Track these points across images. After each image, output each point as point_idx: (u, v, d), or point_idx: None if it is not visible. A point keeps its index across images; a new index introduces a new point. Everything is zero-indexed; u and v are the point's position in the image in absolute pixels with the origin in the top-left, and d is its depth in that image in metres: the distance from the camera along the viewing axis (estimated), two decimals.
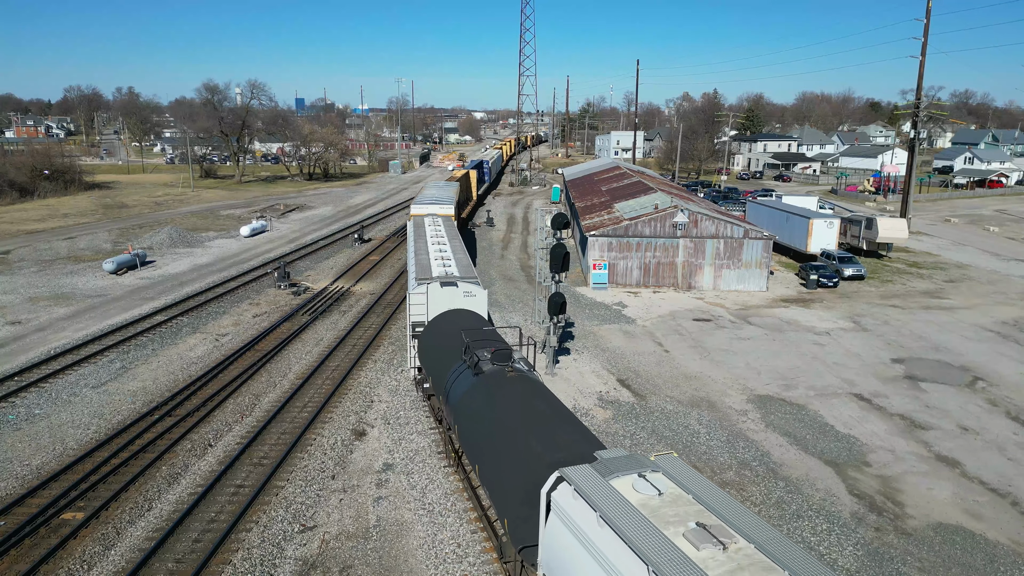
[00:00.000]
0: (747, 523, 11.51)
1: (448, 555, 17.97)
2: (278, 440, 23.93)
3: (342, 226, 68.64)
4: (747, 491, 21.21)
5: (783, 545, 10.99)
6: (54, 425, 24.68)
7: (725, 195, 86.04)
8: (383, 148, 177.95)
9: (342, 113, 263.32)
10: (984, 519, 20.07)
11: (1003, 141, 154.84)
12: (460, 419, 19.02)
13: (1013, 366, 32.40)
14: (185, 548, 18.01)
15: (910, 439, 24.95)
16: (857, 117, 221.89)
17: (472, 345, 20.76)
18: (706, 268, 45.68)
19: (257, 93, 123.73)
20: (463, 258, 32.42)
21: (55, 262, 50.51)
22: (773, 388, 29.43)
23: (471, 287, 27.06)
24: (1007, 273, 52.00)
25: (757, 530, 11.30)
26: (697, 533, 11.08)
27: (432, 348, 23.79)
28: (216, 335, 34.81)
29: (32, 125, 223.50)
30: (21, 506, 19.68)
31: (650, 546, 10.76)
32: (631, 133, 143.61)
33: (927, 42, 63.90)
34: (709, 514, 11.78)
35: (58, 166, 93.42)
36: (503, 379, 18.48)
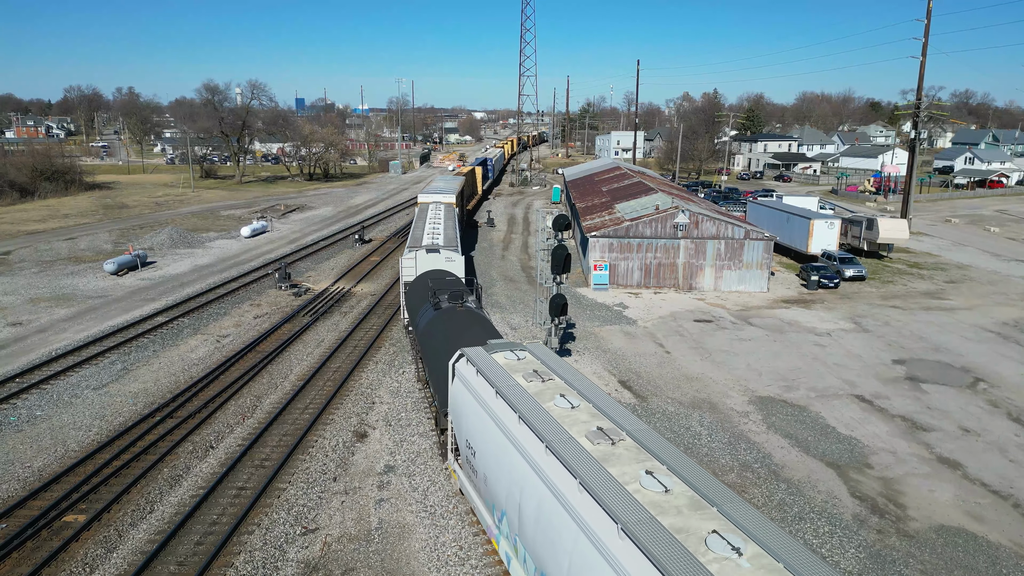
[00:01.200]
0: (567, 371, 18.08)
1: (450, 557, 17.96)
2: (279, 442, 23.93)
3: (343, 227, 68.64)
4: (749, 493, 21.21)
5: (581, 380, 17.56)
6: (55, 427, 24.68)
7: (725, 195, 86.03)
8: (383, 148, 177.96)
9: (342, 113, 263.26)
10: (986, 521, 20.07)
11: (1003, 141, 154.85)
12: (422, 341, 25.36)
13: (1014, 367, 32.40)
14: (187, 551, 18.01)
15: (911, 441, 24.95)
16: (857, 117, 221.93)
17: (437, 291, 27.16)
18: (707, 269, 45.68)
19: (257, 93, 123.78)
20: (451, 234, 38.69)
21: (56, 263, 50.51)
22: (774, 389, 29.43)
23: (451, 254, 33.96)
24: (1008, 274, 52.00)
25: (571, 374, 17.93)
26: (530, 375, 17.77)
27: (412, 296, 30.65)
28: (217, 336, 34.81)
29: (32, 125, 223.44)
30: (23, 508, 19.68)
31: (501, 382, 17.34)
32: (631, 133, 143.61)
33: (927, 42, 63.89)
34: (544, 368, 18.45)
35: (58, 166, 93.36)
36: (454, 311, 24.98)
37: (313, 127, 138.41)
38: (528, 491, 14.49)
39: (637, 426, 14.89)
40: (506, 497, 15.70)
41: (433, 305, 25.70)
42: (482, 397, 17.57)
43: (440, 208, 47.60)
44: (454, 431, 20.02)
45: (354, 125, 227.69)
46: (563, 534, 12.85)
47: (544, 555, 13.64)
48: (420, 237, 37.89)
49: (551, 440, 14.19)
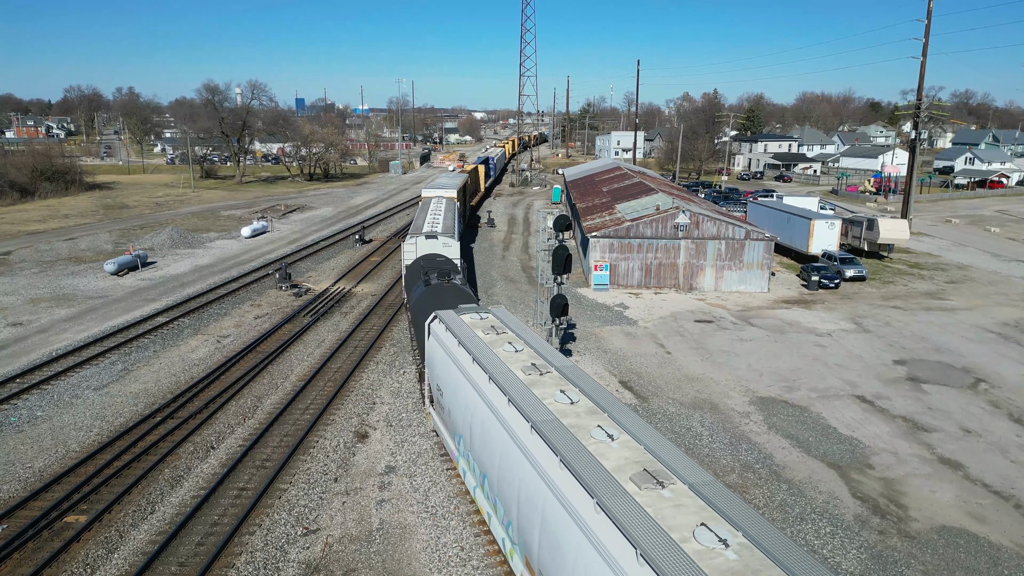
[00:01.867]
0: (519, 327, 21.77)
1: (451, 558, 17.95)
2: (280, 442, 23.92)
3: (343, 227, 68.63)
4: (750, 493, 21.20)
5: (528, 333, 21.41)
6: (56, 427, 24.67)
7: (726, 196, 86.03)
8: (383, 148, 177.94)
9: (342, 113, 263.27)
10: (987, 522, 20.06)
11: (1003, 141, 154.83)
12: (412, 311, 29.02)
13: (1015, 367, 32.39)
14: (188, 551, 18.00)
15: (913, 441, 24.94)
16: (858, 117, 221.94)
17: (428, 271, 30.40)
18: (707, 269, 45.67)
19: (257, 93, 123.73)
20: (449, 223, 42.75)
21: (56, 263, 50.50)
22: (775, 390, 29.42)
23: (447, 240, 37.52)
24: (1008, 274, 51.99)
25: (522, 329, 21.63)
26: (488, 330, 21.35)
27: (410, 276, 33.78)
28: (218, 336, 34.80)
29: (32, 125, 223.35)
30: (24, 509, 19.67)
31: (463, 335, 20.58)
32: (631, 133, 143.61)
33: (928, 43, 63.89)
34: (501, 324, 22.03)
35: (58, 167, 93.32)
36: (441, 287, 28.26)
37: (313, 127, 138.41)
38: (476, 414, 18.31)
39: (564, 363, 18.73)
40: (462, 422, 19.58)
41: (424, 282, 29.39)
42: (448, 348, 21.15)
43: (442, 201, 51.19)
44: (429, 380, 23.65)
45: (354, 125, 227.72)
46: (496, 439, 16.89)
47: (484, 459, 17.74)
48: (420, 226, 41.72)
49: (493, 373, 17.90)
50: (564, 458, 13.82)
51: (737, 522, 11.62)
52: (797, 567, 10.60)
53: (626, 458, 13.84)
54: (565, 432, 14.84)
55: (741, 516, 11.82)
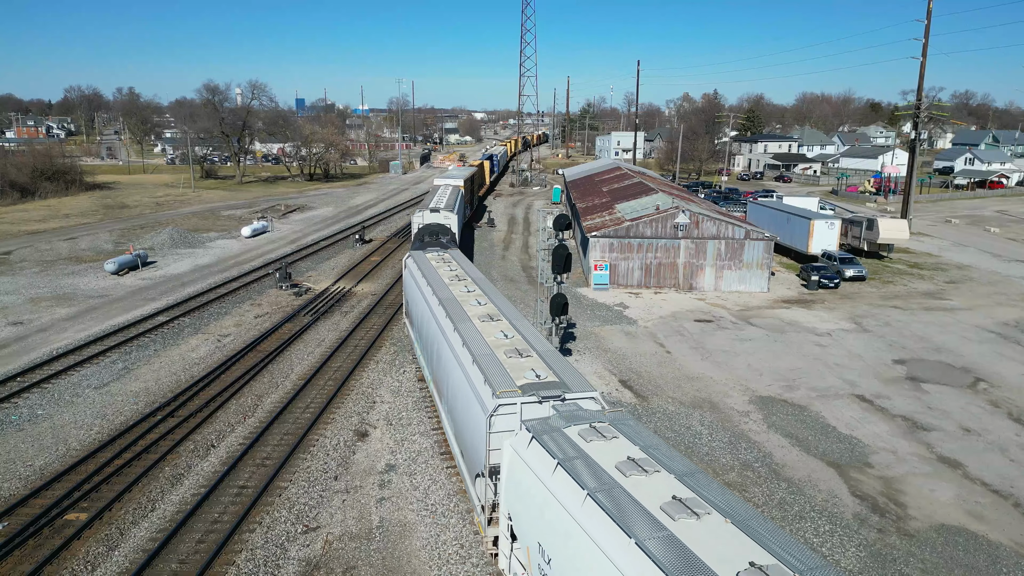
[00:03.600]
0: (466, 264, 30.02)
1: (451, 556, 17.99)
2: (281, 441, 23.96)
3: (343, 227, 68.68)
4: (750, 492, 21.23)
5: (472, 269, 29.25)
6: (57, 426, 24.71)
7: (726, 196, 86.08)
8: (383, 149, 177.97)
9: (342, 113, 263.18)
10: (986, 520, 20.10)
11: (1003, 142, 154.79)
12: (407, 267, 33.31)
13: (1014, 367, 32.43)
14: (189, 549, 18.04)
15: (912, 440, 24.98)
16: (857, 118, 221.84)
17: (426, 235, 39.88)
18: (707, 269, 45.71)
19: (258, 93, 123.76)
20: (450, 201, 51.99)
21: (56, 263, 50.54)
22: (775, 389, 29.46)
23: (448, 214, 47.22)
24: (1008, 274, 52.03)
25: (467, 265, 29.29)
26: (439, 262, 29.83)
27: (415, 240, 41.44)
28: (218, 336, 34.84)
29: (33, 125, 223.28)
30: (25, 507, 19.71)
31: (424, 267, 28.27)
32: (631, 134, 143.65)
33: (928, 43, 63.94)
34: (453, 261, 29.78)
35: (59, 167, 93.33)
36: (431, 244, 36.39)
37: (313, 127, 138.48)
38: (422, 309, 25.75)
39: (476, 275, 27.74)
40: (416, 319, 27.00)
41: (420, 243, 36.92)
42: (413, 273, 29.67)
43: (448, 187, 60.18)
44: (404, 296, 31.49)
45: (354, 125, 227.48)
46: (429, 322, 24.48)
47: (423, 335, 25.65)
48: (428, 203, 51.22)
49: (431, 281, 26.62)
50: (449, 311, 22.78)
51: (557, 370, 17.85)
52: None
53: (484, 313, 22.81)
54: (457, 304, 23.57)
55: None
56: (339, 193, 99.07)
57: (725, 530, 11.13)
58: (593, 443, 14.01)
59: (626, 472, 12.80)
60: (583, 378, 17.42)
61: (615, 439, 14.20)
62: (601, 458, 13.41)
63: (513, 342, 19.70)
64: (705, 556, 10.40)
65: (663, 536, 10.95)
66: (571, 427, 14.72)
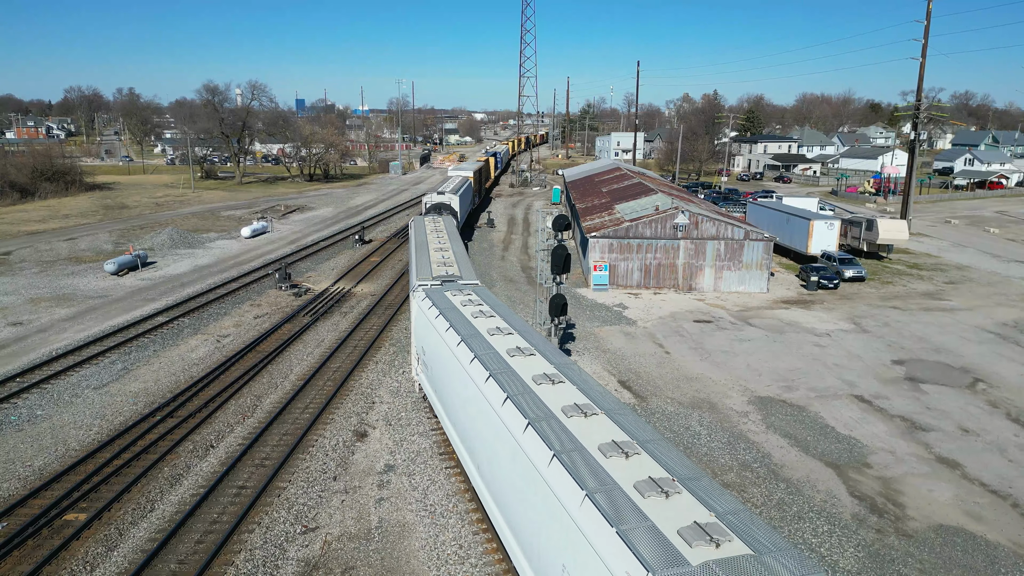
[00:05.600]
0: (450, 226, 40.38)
1: (450, 556, 18.00)
2: (280, 441, 23.98)
3: (343, 227, 68.70)
4: (748, 492, 21.24)
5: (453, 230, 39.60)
6: (56, 426, 24.72)
7: (725, 196, 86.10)
8: (383, 149, 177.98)
9: (342, 114, 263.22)
10: (985, 521, 20.11)
11: (1003, 142, 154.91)
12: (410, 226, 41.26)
13: (1013, 368, 32.44)
14: (188, 549, 18.05)
15: (911, 441, 24.99)
16: (857, 118, 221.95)
17: (430, 209, 54.78)
18: (707, 269, 45.73)
19: (257, 94, 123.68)
20: (455, 185, 63.22)
21: (56, 263, 50.56)
22: (774, 389, 29.47)
23: (451, 196, 57.43)
24: (1007, 275, 52.05)
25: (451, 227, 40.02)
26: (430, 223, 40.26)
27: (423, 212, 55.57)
28: (217, 336, 34.86)
29: (33, 126, 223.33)
30: (24, 507, 19.73)
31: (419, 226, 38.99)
32: (631, 134, 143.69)
33: (927, 44, 64.00)
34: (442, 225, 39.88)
35: (59, 167, 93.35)
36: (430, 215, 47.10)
37: (313, 128, 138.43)
38: (416, 242, 34.74)
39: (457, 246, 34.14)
40: (412, 248, 34.19)
41: (426, 212, 51.01)
42: (415, 230, 38.28)
43: (458, 177, 71.71)
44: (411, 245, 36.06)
45: (354, 126, 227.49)
46: (415, 249, 33.33)
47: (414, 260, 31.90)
48: (436, 187, 63.21)
49: (424, 234, 35.93)
50: (426, 239, 34.71)
51: None
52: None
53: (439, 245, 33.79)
54: (425, 243, 33.75)
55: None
56: (339, 193, 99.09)
57: (512, 339, 19.83)
58: (457, 296, 24.46)
59: (473, 316, 22.00)
60: (473, 274, 28.53)
61: (471, 296, 24.60)
62: (457, 303, 23.71)
63: (444, 258, 31.19)
64: None
65: (471, 333, 20.23)
66: (449, 292, 25.17)
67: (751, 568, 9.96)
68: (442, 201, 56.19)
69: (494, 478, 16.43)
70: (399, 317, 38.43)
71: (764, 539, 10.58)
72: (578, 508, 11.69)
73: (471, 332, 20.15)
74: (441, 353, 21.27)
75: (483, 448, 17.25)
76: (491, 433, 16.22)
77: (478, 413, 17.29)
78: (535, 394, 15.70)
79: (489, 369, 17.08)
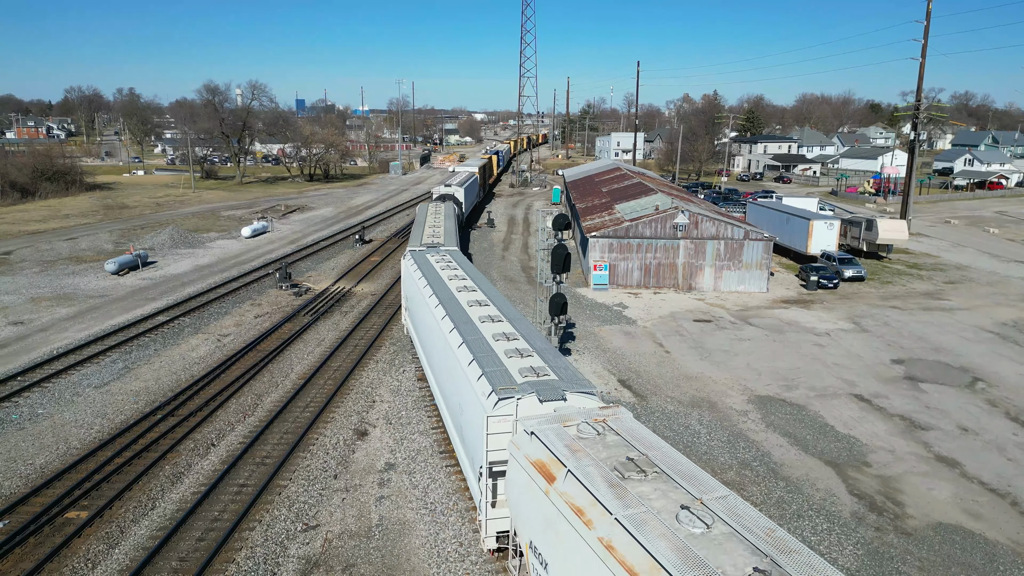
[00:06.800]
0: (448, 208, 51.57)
1: (450, 554, 18.06)
2: (280, 440, 24.03)
3: (343, 227, 68.77)
4: (748, 491, 21.30)
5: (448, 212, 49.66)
6: (57, 424, 24.78)
7: (725, 196, 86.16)
8: (383, 149, 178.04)
9: (343, 114, 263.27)
10: (984, 519, 20.17)
11: (1003, 143, 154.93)
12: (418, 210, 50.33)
13: (1013, 367, 32.50)
14: (189, 547, 18.11)
15: (910, 439, 25.05)
16: (857, 119, 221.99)
17: (436, 198, 60.13)
18: (706, 269, 45.79)
19: (258, 94, 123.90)
20: (461, 181, 68.15)
21: (57, 263, 50.62)
22: (773, 389, 29.53)
23: (456, 188, 63.45)
24: (1007, 274, 52.11)
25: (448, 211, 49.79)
26: (435, 204, 53.55)
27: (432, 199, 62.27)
28: (218, 335, 34.92)
29: (33, 126, 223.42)
30: (25, 505, 19.78)
31: (423, 207, 51.20)
32: (631, 134, 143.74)
33: (927, 44, 64.07)
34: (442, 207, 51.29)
35: (59, 167, 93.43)
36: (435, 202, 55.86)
37: (313, 128, 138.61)
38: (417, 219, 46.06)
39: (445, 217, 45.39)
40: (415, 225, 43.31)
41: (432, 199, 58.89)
42: (418, 212, 47.91)
43: (464, 172, 78.61)
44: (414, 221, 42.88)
45: (354, 126, 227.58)
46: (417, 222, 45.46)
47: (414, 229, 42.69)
48: (445, 180, 70.61)
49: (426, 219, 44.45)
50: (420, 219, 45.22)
51: None
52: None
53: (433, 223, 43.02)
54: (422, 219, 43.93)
55: None
56: (339, 193, 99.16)
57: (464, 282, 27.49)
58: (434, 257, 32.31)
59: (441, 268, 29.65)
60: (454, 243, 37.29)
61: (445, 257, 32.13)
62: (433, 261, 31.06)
63: (435, 232, 39.85)
64: None
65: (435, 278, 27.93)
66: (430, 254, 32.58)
67: (549, 384, 16.80)
68: (448, 192, 63.23)
69: (435, 364, 24.56)
70: (399, 316, 38.48)
71: (568, 375, 17.64)
72: (467, 366, 18.91)
73: (435, 278, 28.02)
74: (416, 296, 29.09)
75: (431, 342, 25.10)
76: (435, 333, 24.01)
77: (430, 321, 25.05)
78: (464, 310, 23.51)
79: (439, 298, 25.09)
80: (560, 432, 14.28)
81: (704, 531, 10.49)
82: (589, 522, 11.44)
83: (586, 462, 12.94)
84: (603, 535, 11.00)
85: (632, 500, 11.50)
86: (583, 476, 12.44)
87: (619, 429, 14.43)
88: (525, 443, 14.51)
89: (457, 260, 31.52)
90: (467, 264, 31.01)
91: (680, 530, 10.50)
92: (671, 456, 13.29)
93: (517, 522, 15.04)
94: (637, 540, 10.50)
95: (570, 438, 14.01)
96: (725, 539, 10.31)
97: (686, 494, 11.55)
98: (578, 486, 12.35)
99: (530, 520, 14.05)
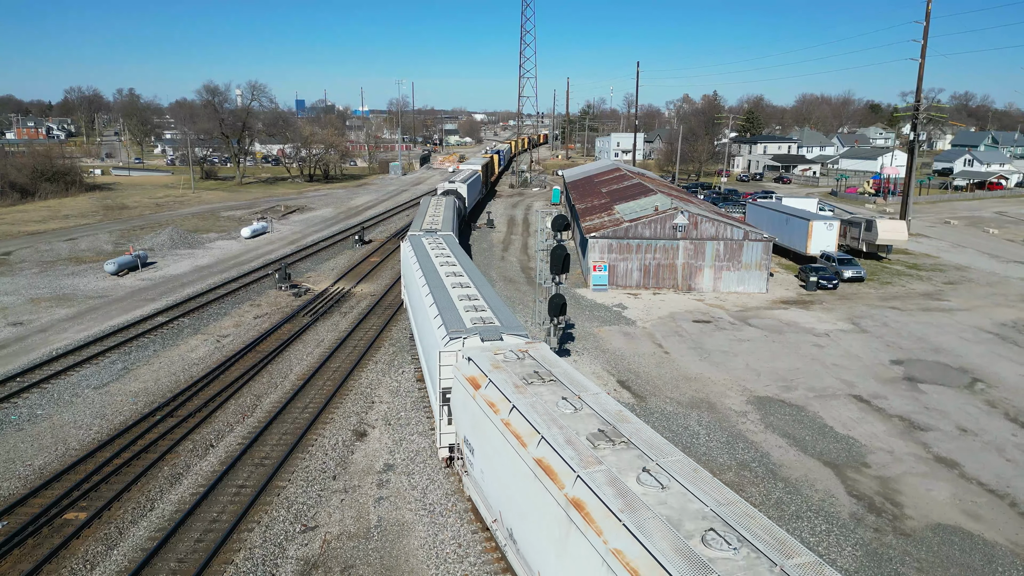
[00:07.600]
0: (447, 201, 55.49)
1: (449, 555, 18.06)
2: (279, 440, 24.03)
3: (343, 227, 68.77)
4: (747, 491, 21.30)
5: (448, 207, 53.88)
6: (56, 425, 24.78)
7: (725, 197, 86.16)
8: (383, 150, 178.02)
9: (342, 114, 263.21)
10: (982, 520, 20.17)
11: (1003, 143, 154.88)
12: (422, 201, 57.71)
13: (1012, 368, 32.50)
14: (187, 548, 18.11)
15: (909, 440, 25.05)
16: (857, 119, 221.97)
17: (440, 192, 65.15)
18: (706, 270, 45.79)
19: (257, 94, 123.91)
20: (465, 177, 72.94)
21: (56, 263, 50.62)
22: (772, 389, 29.53)
23: (460, 184, 67.38)
24: (1006, 275, 52.11)
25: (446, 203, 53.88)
26: (435, 198, 58.56)
27: None
28: (217, 336, 34.91)
29: (33, 127, 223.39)
30: (24, 506, 19.79)
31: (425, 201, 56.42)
32: (631, 135, 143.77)
33: (927, 44, 64.09)
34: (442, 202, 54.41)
35: (59, 167, 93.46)
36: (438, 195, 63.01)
37: (313, 128, 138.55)
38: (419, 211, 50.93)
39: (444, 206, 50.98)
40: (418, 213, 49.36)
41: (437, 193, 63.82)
42: (421, 203, 53.15)
43: (467, 170, 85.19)
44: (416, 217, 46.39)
45: (354, 127, 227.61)
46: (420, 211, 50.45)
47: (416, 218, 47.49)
48: (449, 177, 79.34)
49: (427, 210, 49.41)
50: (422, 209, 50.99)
51: None
52: None
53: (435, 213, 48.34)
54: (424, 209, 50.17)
55: None
56: (339, 194, 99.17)
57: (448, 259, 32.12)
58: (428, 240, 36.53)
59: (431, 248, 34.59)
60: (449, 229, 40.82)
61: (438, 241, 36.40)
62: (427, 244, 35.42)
63: (434, 220, 44.24)
64: None
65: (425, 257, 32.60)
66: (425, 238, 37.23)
67: (492, 328, 21.64)
68: (452, 188, 67.26)
69: (418, 321, 28.77)
70: (399, 317, 38.48)
71: (510, 323, 22.55)
72: (433, 318, 23.54)
73: (425, 256, 32.64)
74: (408, 272, 33.88)
75: (416, 305, 29.41)
76: (418, 298, 28.01)
77: (415, 289, 29.41)
78: (441, 279, 28.10)
79: (423, 271, 29.72)
80: (491, 358, 18.84)
81: (573, 412, 15.52)
82: (497, 411, 16.24)
83: (503, 375, 17.48)
84: (504, 417, 15.86)
85: (528, 395, 16.35)
86: (499, 382, 17.03)
87: (536, 356, 19.12)
88: (464, 366, 19.02)
89: (447, 243, 36.20)
90: (456, 246, 35.62)
91: (556, 411, 15.50)
92: (569, 372, 17.95)
93: (457, 426, 19.74)
94: (525, 417, 15.32)
95: (497, 361, 18.60)
96: (588, 417, 15.32)
97: (571, 393, 16.55)
98: (494, 390, 16.99)
99: (463, 421, 18.90)
